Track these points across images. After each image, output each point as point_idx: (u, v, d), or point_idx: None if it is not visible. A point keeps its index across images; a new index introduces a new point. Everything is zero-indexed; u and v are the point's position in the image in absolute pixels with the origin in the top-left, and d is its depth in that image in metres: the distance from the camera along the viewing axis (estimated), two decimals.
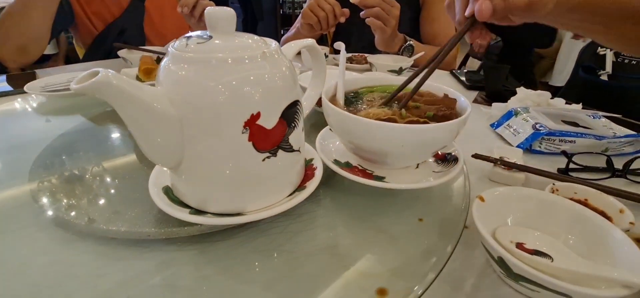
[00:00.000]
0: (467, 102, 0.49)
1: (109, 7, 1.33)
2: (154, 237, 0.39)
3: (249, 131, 0.35)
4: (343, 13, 1.25)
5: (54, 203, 0.45)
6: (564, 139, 0.66)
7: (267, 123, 0.37)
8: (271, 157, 0.38)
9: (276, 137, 0.38)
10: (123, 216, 0.42)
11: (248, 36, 0.39)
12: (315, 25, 1.27)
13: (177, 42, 0.37)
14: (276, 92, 0.37)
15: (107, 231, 0.39)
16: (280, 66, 0.39)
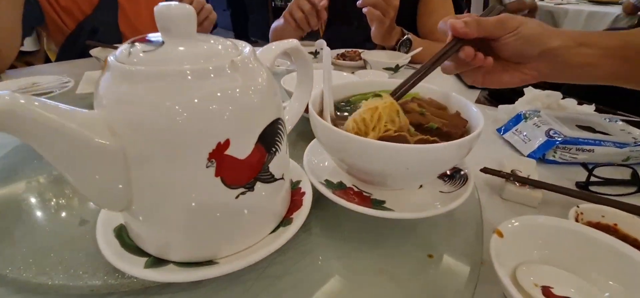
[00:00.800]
0: (480, 115, 0.41)
1: (78, 4, 1.22)
2: (100, 292, 0.31)
3: (215, 164, 0.28)
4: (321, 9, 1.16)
5: None
6: (582, 147, 0.60)
7: (239, 152, 0.29)
8: (247, 192, 0.31)
9: (252, 167, 0.30)
10: (59, 262, 0.34)
11: (212, 39, 0.31)
12: (299, 21, 1.19)
13: (119, 50, 0.29)
14: (250, 111, 0.29)
15: (37, 287, 0.31)
16: (256, 77, 0.31)
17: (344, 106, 0.50)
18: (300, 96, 0.45)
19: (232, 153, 0.28)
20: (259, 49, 0.39)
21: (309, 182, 0.43)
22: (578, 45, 0.46)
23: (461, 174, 0.46)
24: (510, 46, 0.47)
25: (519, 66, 0.49)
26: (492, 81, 0.52)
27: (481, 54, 0.47)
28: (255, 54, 0.34)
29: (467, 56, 0.46)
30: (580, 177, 0.57)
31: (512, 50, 0.47)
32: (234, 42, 0.34)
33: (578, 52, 0.46)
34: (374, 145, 0.35)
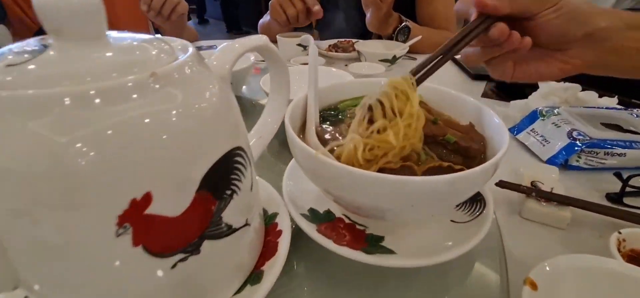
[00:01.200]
0: (504, 130, 0.32)
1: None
2: None
3: (131, 230, 0.19)
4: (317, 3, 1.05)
5: None
6: (611, 151, 0.51)
7: (169, 207, 0.20)
8: (189, 257, 0.22)
9: (194, 224, 0.21)
10: None
11: (133, 40, 0.22)
12: (283, 24, 1.08)
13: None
14: (185, 148, 0.20)
15: None
16: (197, 94, 0.22)
17: (331, 114, 0.40)
18: (275, 108, 0.36)
19: (158, 211, 0.19)
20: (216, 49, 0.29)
21: (287, 216, 0.34)
22: (632, 28, 0.36)
23: (478, 198, 0.38)
24: (549, 25, 0.36)
25: (558, 53, 0.38)
26: (526, 73, 0.41)
27: (517, 33, 0.36)
28: (200, 59, 0.24)
29: (500, 34, 0.35)
30: (610, 186, 0.48)
31: (551, 31, 0.36)
32: (169, 41, 0.24)
33: (632, 36, 0.36)
34: (369, 178, 0.26)
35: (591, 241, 0.41)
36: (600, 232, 0.42)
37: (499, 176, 0.52)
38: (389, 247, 0.32)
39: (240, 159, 0.25)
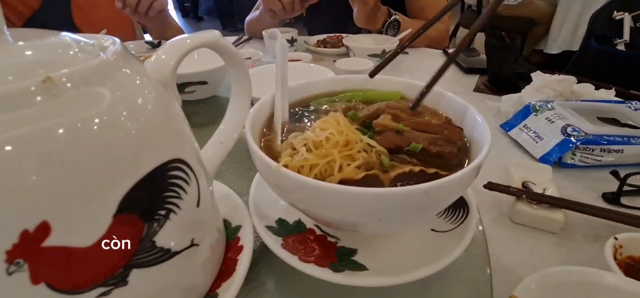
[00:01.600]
0: (486, 129, 0.29)
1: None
2: None
3: (26, 267, 0.15)
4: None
5: None
6: (607, 147, 0.48)
7: (76, 237, 0.17)
8: (113, 290, 0.19)
9: (113, 253, 0.18)
10: None
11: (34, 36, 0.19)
12: (279, 12, 1.03)
13: None
14: (96, 164, 0.17)
15: None
16: (117, 100, 0.18)
17: (304, 113, 0.37)
18: (236, 111, 0.33)
19: (62, 242, 0.16)
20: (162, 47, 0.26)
21: (251, 228, 0.31)
22: None
23: (461, 204, 0.34)
24: None
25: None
26: None
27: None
28: (129, 60, 0.21)
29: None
30: (607, 185, 0.45)
31: None
32: (97, 41, 0.21)
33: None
34: (328, 191, 0.23)
35: (586, 246, 0.38)
36: (596, 236, 0.39)
37: (488, 177, 0.49)
38: (360, 262, 0.29)
39: (179, 174, 0.22)
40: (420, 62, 0.99)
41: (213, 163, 0.31)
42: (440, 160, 0.29)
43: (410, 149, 0.29)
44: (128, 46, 1.08)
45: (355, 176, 0.25)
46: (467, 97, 0.76)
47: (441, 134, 0.30)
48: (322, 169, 0.26)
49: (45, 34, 0.21)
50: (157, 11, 1.00)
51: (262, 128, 0.34)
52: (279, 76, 0.34)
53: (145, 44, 1.13)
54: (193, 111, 0.66)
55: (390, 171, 0.26)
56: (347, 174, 0.25)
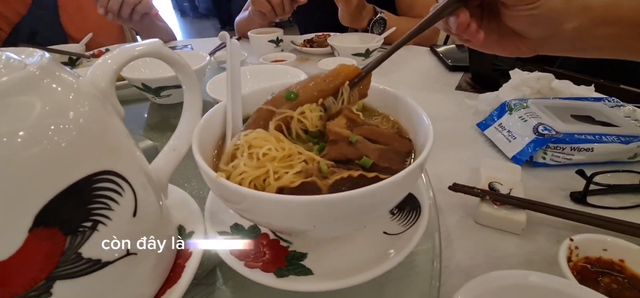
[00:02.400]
0: (429, 131, 0.29)
1: (10, 4, 1.07)
2: None
3: None
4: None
5: None
6: (578, 146, 0.48)
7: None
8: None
9: (32, 266, 0.19)
10: None
11: None
12: (268, 13, 1.03)
13: None
14: (4, 180, 0.17)
15: None
16: (34, 115, 0.19)
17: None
18: (188, 118, 0.33)
19: None
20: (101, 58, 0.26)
21: (203, 234, 0.32)
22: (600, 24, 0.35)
23: (414, 206, 0.34)
24: (521, 19, 0.36)
25: (520, 39, 0.38)
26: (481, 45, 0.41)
27: (474, 26, 0.36)
28: (55, 73, 0.21)
29: (459, 25, 0.36)
30: (577, 184, 0.45)
31: (521, 24, 0.36)
32: (22, 55, 0.22)
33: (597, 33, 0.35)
34: (264, 200, 0.24)
35: (547, 247, 0.38)
36: (558, 236, 0.39)
37: (460, 177, 0.49)
38: (308, 266, 0.30)
39: (110, 186, 0.22)
40: (406, 59, 0.99)
41: (165, 170, 0.32)
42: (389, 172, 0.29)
43: (361, 164, 0.29)
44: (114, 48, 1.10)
45: (291, 184, 0.25)
46: (447, 95, 0.77)
47: (391, 146, 0.30)
48: (261, 179, 0.26)
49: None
50: (141, 14, 1.01)
51: (219, 135, 0.35)
52: (229, 82, 0.34)
53: None
54: (171, 115, 0.67)
55: (330, 177, 0.26)
56: (284, 182, 0.25)
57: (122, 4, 0.96)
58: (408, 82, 0.83)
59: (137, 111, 0.70)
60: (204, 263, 0.33)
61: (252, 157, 0.27)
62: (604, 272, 0.33)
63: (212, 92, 0.55)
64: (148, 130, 0.63)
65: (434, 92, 0.77)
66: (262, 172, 0.26)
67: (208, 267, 0.34)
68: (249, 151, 0.27)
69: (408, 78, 0.86)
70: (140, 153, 0.28)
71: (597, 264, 0.33)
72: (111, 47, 1.10)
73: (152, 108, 0.70)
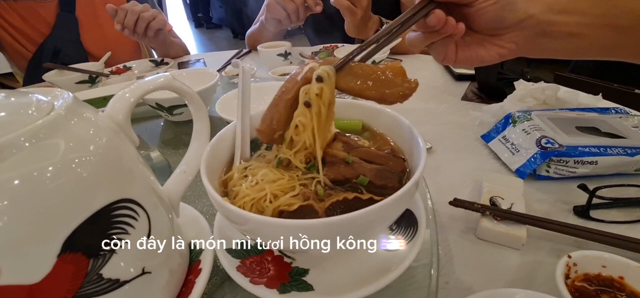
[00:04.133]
0: (422, 153, 0.31)
1: (34, 26, 1.15)
2: None
3: None
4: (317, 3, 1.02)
5: None
6: (581, 159, 0.48)
7: (23, 276, 0.20)
8: None
9: (60, 287, 0.21)
10: None
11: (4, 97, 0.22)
12: (283, 20, 1.04)
13: None
14: (37, 214, 0.20)
15: None
16: (60, 153, 0.22)
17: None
18: (198, 142, 0.35)
19: (11, 281, 0.19)
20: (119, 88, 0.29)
21: (212, 251, 0.34)
22: (558, 12, 0.37)
23: (411, 221, 0.36)
24: (487, 12, 0.38)
25: (495, 38, 0.40)
26: (468, 57, 0.43)
27: (452, 19, 0.38)
28: (78, 110, 0.24)
29: (437, 21, 0.37)
30: (579, 197, 0.45)
31: (488, 17, 0.39)
32: (48, 96, 0.24)
33: (558, 20, 0.37)
34: (264, 223, 0.26)
35: (548, 262, 0.38)
36: (559, 252, 0.39)
37: (463, 190, 0.50)
38: (309, 282, 0.31)
39: (127, 212, 0.24)
40: (412, 68, 1.00)
41: (176, 191, 0.34)
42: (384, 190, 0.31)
43: (358, 183, 0.31)
44: (131, 65, 1.15)
45: (289, 207, 0.27)
46: (453, 106, 0.77)
47: (386, 165, 0.32)
48: (262, 201, 0.28)
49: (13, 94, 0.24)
50: (155, 30, 1.05)
51: (228, 155, 0.37)
52: (239, 107, 0.37)
53: (149, 62, 1.19)
54: (183, 131, 0.70)
55: (326, 200, 0.28)
56: (283, 205, 0.27)
57: (137, 19, 1.01)
58: (414, 93, 0.84)
59: (152, 128, 0.74)
60: (212, 279, 0.36)
61: (253, 181, 0.30)
62: (604, 289, 0.33)
63: (221, 111, 0.58)
64: (162, 146, 0.67)
65: (440, 103, 0.78)
66: (262, 195, 0.29)
67: (216, 282, 0.36)
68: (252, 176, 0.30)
69: (418, 91, 0.87)
70: (153, 177, 0.30)
71: (597, 281, 0.34)
72: (128, 63, 1.16)
73: (166, 125, 0.74)
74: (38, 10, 1.16)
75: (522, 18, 0.37)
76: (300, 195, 0.28)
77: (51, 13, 1.17)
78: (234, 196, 0.31)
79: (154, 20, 1.03)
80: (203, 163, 0.31)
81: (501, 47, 0.40)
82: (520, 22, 0.38)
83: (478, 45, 0.42)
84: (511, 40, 0.39)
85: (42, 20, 1.16)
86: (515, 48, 0.40)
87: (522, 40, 0.39)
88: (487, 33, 0.41)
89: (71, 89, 0.99)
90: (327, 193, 0.28)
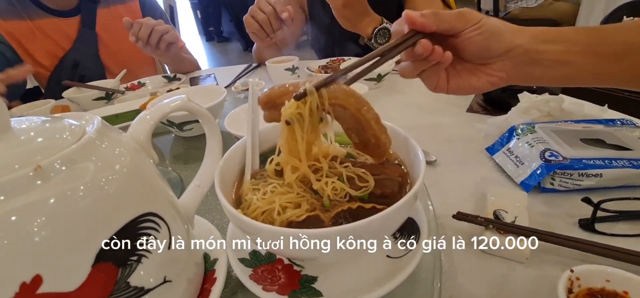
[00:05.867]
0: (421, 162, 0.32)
1: (56, 41, 1.21)
2: None
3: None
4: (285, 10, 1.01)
5: None
6: (586, 172, 0.48)
7: (63, 284, 0.22)
8: None
9: (94, 295, 0.23)
10: None
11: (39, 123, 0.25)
12: (258, 33, 1.05)
13: None
14: (76, 228, 0.23)
15: None
16: (94, 172, 0.24)
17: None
18: (211, 157, 0.38)
19: (52, 289, 0.22)
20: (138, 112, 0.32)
21: (226, 260, 0.36)
22: (544, 41, 0.39)
23: (414, 230, 0.37)
24: (473, 42, 0.40)
25: (485, 67, 0.42)
26: (460, 85, 0.44)
27: (439, 48, 0.40)
28: (106, 133, 0.27)
29: (424, 50, 0.39)
30: (584, 211, 0.45)
31: (475, 47, 0.40)
32: (79, 120, 0.27)
33: (546, 49, 0.39)
34: (274, 233, 0.28)
35: (552, 276, 0.39)
36: (564, 265, 0.40)
37: (467, 203, 0.51)
38: (318, 289, 0.33)
39: (150, 224, 0.27)
40: (418, 81, 1.01)
41: (192, 205, 0.36)
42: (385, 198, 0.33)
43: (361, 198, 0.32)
44: (145, 81, 1.20)
45: (297, 218, 0.29)
46: (458, 118, 0.78)
47: (383, 174, 0.33)
48: (272, 212, 0.30)
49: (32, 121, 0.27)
50: (167, 43, 1.10)
51: (239, 170, 0.39)
52: (249, 124, 0.39)
53: (163, 78, 1.24)
54: (194, 146, 0.73)
55: (331, 210, 0.30)
56: (292, 216, 0.29)
57: (151, 32, 1.05)
58: (419, 105, 0.86)
59: (163, 144, 0.77)
60: (226, 288, 0.37)
61: (264, 193, 0.32)
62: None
63: (229, 126, 0.60)
64: (173, 161, 0.70)
65: (445, 115, 0.79)
66: (272, 207, 0.31)
67: (231, 290, 0.38)
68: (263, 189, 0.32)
69: (419, 101, 0.88)
70: (171, 192, 0.33)
71: (600, 296, 0.34)
72: (142, 80, 1.21)
73: (176, 140, 0.77)
74: (62, 26, 1.22)
75: (509, 48, 0.39)
76: (307, 205, 0.30)
77: (74, 29, 1.24)
78: (246, 207, 0.34)
79: (167, 34, 1.08)
80: (216, 177, 0.34)
81: (492, 75, 0.42)
82: (508, 52, 0.39)
83: (469, 73, 0.43)
84: (501, 69, 0.41)
85: (65, 35, 1.22)
86: (506, 76, 0.41)
87: (511, 68, 0.40)
88: (477, 62, 0.42)
89: (89, 105, 1.04)
90: (332, 204, 0.30)
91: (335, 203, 0.30)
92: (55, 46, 1.23)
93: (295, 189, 0.33)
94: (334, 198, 0.32)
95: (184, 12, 6.16)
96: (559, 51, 0.38)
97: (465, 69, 0.43)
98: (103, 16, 1.28)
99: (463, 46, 0.41)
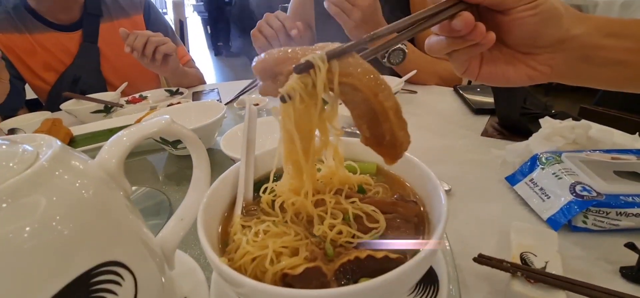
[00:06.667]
0: (443, 207, 0.27)
1: (57, 56, 1.20)
2: None
3: None
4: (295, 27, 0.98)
5: None
6: (625, 211, 0.42)
7: None
8: None
9: None
10: None
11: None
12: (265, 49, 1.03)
13: None
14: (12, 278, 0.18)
15: None
16: (37, 214, 0.19)
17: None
18: (196, 188, 0.33)
19: None
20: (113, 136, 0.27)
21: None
22: (607, 35, 0.32)
23: (431, 279, 0.31)
24: (524, 23, 0.33)
25: (527, 57, 0.36)
26: (492, 74, 0.38)
27: (482, 26, 0.33)
28: (65, 160, 0.22)
29: (464, 25, 0.32)
30: (626, 256, 0.39)
31: (525, 30, 0.33)
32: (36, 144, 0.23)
33: (607, 44, 0.32)
34: (261, 291, 0.22)
35: None
36: None
37: (487, 241, 0.45)
38: None
39: (107, 277, 0.22)
40: (428, 101, 0.97)
41: (171, 241, 0.31)
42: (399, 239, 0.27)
43: (372, 237, 0.27)
44: (146, 94, 1.17)
45: (293, 271, 0.24)
46: (472, 142, 0.73)
47: (397, 213, 0.28)
48: (264, 260, 0.25)
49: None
50: (163, 54, 1.07)
51: (230, 199, 0.34)
52: (244, 147, 0.35)
53: (165, 91, 1.22)
54: (186, 165, 0.68)
55: (335, 260, 0.24)
56: (287, 266, 0.24)
57: (146, 42, 1.03)
58: (430, 127, 0.80)
59: (156, 161, 0.73)
60: None
61: (256, 234, 0.27)
62: None
63: (226, 148, 0.56)
64: (165, 181, 0.65)
65: (458, 139, 0.74)
66: (264, 253, 0.25)
67: None
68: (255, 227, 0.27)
69: (430, 123, 0.83)
70: (145, 228, 0.28)
71: None
72: (144, 93, 1.18)
73: (170, 159, 0.73)
74: (63, 41, 1.21)
75: (564, 38, 0.33)
76: (306, 252, 0.24)
77: (75, 43, 1.23)
78: (234, 249, 0.28)
79: (163, 46, 1.06)
80: (200, 215, 0.29)
81: (533, 68, 0.35)
82: (561, 42, 0.33)
83: (506, 62, 0.37)
84: (546, 62, 0.35)
85: (66, 50, 1.21)
86: (549, 72, 0.35)
87: (561, 63, 0.34)
88: (520, 49, 0.36)
89: (87, 118, 1.01)
90: (336, 252, 0.25)
91: (340, 252, 0.25)
92: (56, 61, 1.21)
93: (293, 230, 0.27)
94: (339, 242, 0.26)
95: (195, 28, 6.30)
96: (622, 48, 0.32)
97: (503, 56, 0.36)
98: (106, 30, 1.27)
99: (510, 27, 0.34)
